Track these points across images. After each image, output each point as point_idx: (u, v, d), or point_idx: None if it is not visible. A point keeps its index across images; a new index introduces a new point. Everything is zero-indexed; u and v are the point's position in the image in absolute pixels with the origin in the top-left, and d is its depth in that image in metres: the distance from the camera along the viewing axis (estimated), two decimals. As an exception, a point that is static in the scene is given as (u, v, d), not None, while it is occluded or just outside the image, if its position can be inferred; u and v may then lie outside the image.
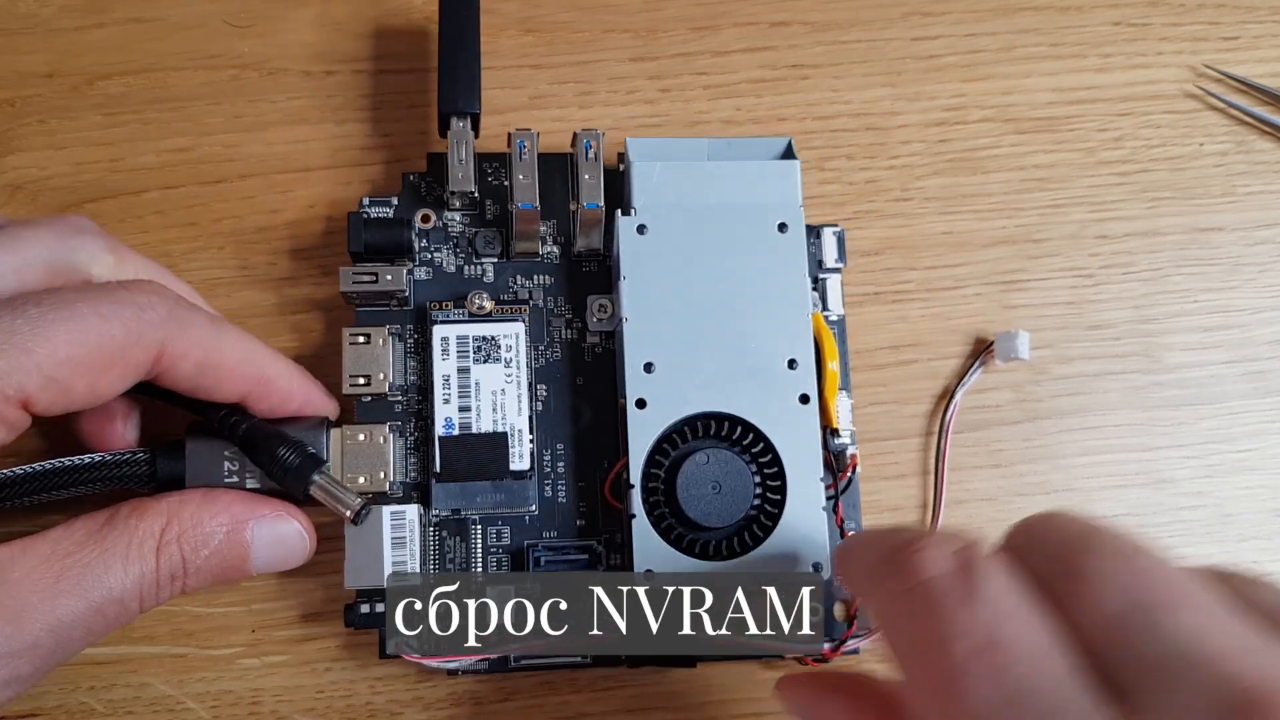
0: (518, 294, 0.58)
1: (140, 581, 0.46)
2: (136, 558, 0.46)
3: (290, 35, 0.63)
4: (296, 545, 0.51)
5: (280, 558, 0.51)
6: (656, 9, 0.65)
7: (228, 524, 0.48)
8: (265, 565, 0.50)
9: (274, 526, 0.50)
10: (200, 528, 0.48)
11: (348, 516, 0.52)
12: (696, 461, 0.53)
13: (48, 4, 0.62)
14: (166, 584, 0.47)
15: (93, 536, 0.45)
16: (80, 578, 0.44)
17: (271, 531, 0.50)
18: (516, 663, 0.55)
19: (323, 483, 0.51)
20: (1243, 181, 0.64)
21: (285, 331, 0.59)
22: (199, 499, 0.48)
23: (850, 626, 0.56)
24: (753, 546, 0.53)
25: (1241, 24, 0.67)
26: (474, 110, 0.57)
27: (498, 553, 0.56)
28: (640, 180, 0.56)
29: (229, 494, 0.50)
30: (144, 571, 0.46)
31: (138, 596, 0.46)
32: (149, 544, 0.46)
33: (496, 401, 0.55)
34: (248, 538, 0.49)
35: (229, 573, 0.49)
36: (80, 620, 0.44)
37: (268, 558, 0.50)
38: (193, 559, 0.47)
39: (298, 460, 0.51)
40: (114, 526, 0.46)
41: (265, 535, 0.50)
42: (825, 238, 0.60)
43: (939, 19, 0.66)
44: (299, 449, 0.51)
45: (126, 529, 0.46)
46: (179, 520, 0.47)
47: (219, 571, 0.49)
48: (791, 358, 0.54)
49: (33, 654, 0.44)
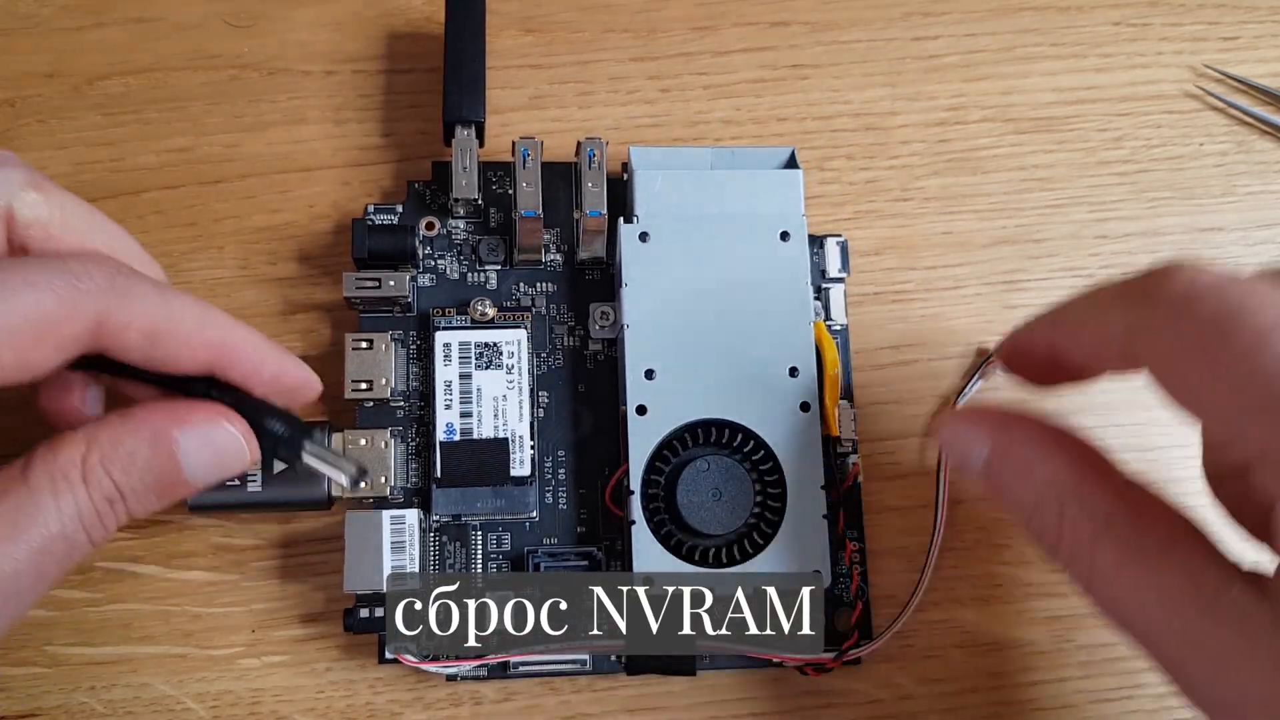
0: (520, 301, 0.58)
1: (78, 513, 0.43)
2: (65, 489, 0.43)
3: (290, 35, 0.63)
4: (233, 449, 0.47)
5: (217, 465, 0.46)
6: (656, 9, 0.64)
7: (149, 437, 0.45)
8: (203, 475, 0.46)
9: (203, 433, 0.46)
10: (121, 447, 0.44)
11: (344, 482, 0.49)
12: (697, 468, 0.53)
13: (48, 4, 0.62)
14: (107, 511, 0.44)
15: (15, 481, 0.42)
16: (13, 524, 0.42)
17: (201, 439, 0.46)
18: (515, 669, 0.55)
19: (315, 451, 0.48)
20: (1243, 181, 0.64)
21: (288, 334, 0.59)
22: (116, 418, 0.45)
23: (852, 635, 0.56)
24: (753, 554, 0.53)
25: (1241, 24, 0.67)
26: (479, 118, 0.57)
27: (498, 558, 0.56)
28: (643, 188, 0.56)
29: (148, 406, 0.46)
30: (78, 502, 0.43)
31: (81, 529, 0.43)
32: (74, 474, 0.43)
33: (498, 407, 0.55)
34: (175, 449, 0.45)
35: (167, 489, 0.46)
36: (26, 566, 0.42)
37: (203, 467, 0.46)
38: (124, 481, 0.44)
39: (287, 431, 0.48)
40: (33, 466, 0.43)
41: (195, 444, 0.45)
42: (829, 247, 0.60)
43: (939, 19, 0.65)
44: (287, 419, 0.48)
45: (46, 464, 0.43)
46: (98, 444, 0.44)
47: (157, 488, 0.45)
48: (793, 365, 0.55)
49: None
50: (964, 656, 0.58)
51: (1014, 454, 0.46)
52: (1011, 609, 0.58)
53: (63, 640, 0.55)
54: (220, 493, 0.53)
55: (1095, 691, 0.58)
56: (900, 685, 0.57)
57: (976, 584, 0.59)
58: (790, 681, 0.57)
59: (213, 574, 0.56)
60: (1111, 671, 0.58)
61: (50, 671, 0.55)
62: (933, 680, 0.57)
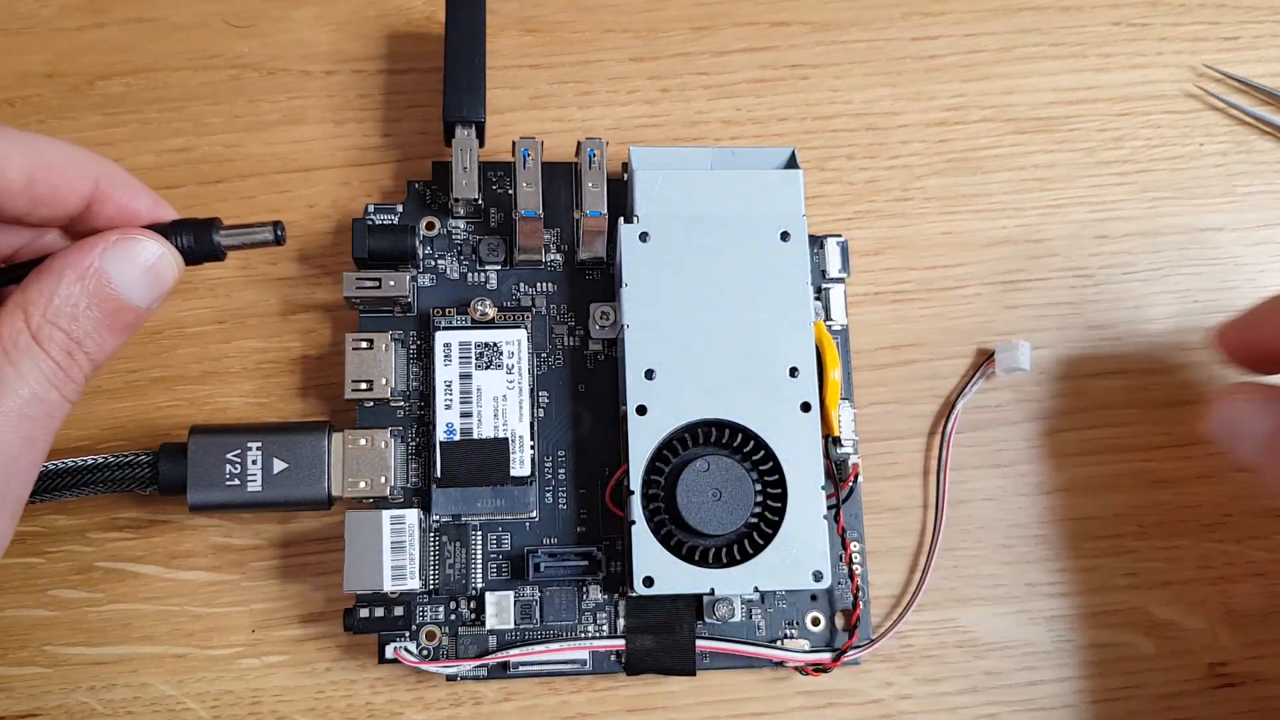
0: (520, 301, 0.58)
1: (42, 373, 0.43)
2: (22, 355, 0.43)
3: (290, 35, 0.63)
4: (158, 257, 0.47)
5: (151, 278, 0.47)
6: (656, 9, 0.64)
7: (77, 277, 0.45)
8: (143, 293, 0.46)
9: (123, 252, 0.46)
10: (55, 298, 0.44)
11: (270, 240, 0.49)
12: (697, 469, 0.53)
13: (48, 4, 0.62)
14: (69, 363, 0.44)
15: None
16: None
17: (125, 258, 0.46)
18: (515, 669, 0.55)
19: (228, 233, 0.49)
20: (1243, 181, 0.64)
21: (288, 333, 0.59)
22: (34, 277, 0.45)
23: (851, 636, 0.56)
24: (753, 554, 0.53)
25: (1241, 24, 0.67)
26: (479, 119, 0.57)
27: (498, 558, 0.56)
28: (643, 189, 0.56)
29: (60, 253, 0.45)
30: (38, 363, 0.43)
31: (52, 386, 0.44)
32: (23, 339, 0.43)
33: (498, 407, 0.55)
34: (106, 277, 0.45)
35: (115, 320, 0.46)
36: (11, 434, 0.42)
37: (139, 284, 0.46)
38: (73, 328, 0.44)
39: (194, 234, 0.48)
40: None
41: (121, 265, 0.46)
42: (829, 248, 0.60)
43: (939, 19, 0.65)
44: (184, 223, 0.48)
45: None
46: (34, 304, 0.44)
47: (106, 323, 0.45)
48: (793, 366, 0.55)
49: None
50: (964, 656, 0.58)
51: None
52: (1011, 609, 0.58)
53: (63, 640, 0.56)
54: (220, 493, 0.53)
55: (1095, 691, 0.58)
56: (900, 685, 0.57)
57: (976, 584, 0.59)
58: (790, 681, 0.57)
59: (213, 574, 0.57)
60: (1112, 672, 0.58)
61: (50, 671, 0.55)
62: (932, 680, 0.57)
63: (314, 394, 0.59)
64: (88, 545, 0.56)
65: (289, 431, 0.54)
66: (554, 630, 0.55)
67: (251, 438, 0.54)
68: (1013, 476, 0.60)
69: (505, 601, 0.54)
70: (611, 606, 0.56)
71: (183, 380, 0.58)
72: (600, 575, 0.55)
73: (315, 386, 0.59)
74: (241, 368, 0.59)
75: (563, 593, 0.55)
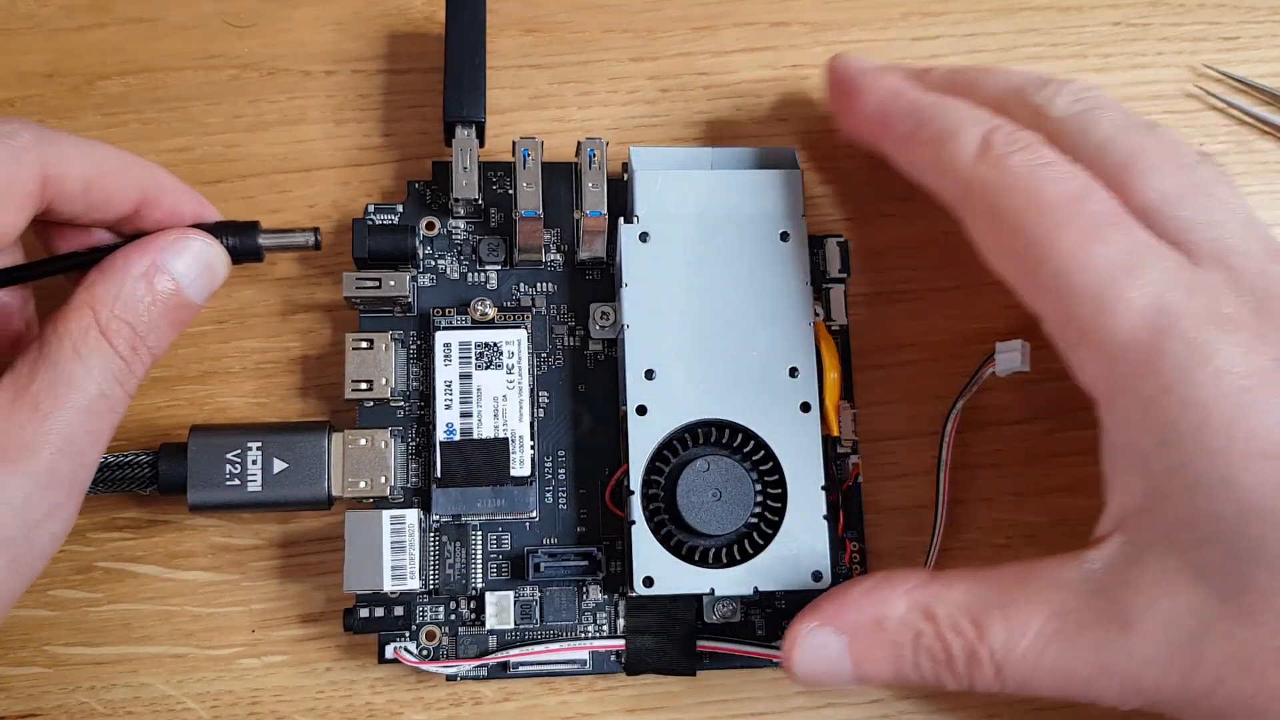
0: (520, 301, 0.58)
1: (108, 367, 0.46)
2: (89, 352, 0.46)
3: (290, 35, 0.63)
4: (213, 255, 0.51)
5: (207, 275, 0.51)
6: (656, 9, 0.64)
7: (140, 275, 0.48)
8: (200, 289, 0.50)
9: (182, 251, 0.50)
10: (122, 294, 0.47)
11: (309, 245, 0.54)
12: (697, 469, 0.53)
13: (47, 4, 0.62)
14: (133, 358, 0.47)
15: (38, 361, 0.45)
16: (53, 395, 0.45)
17: (184, 256, 0.50)
18: (515, 669, 0.55)
19: (270, 234, 0.54)
20: (1243, 181, 0.64)
21: (288, 333, 0.59)
22: (97, 275, 0.48)
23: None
24: (753, 554, 0.53)
25: (1241, 24, 0.66)
26: (479, 118, 0.57)
27: (498, 558, 0.56)
28: (643, 188, 0.56)
29: (120, 252, 0.49)
30: (105, 359, 0.46)
31: (116, 382, 0.46)
32: (93, 335, 0.46)
33: (498, 407, 0.55)
34: (168, 275, 0.49)
35: (176, 314, 0.49)
36: (78, 428, 0.45)
37: (197, 281, 0.50)
38: (138, 323, 0.47)
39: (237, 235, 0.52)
40: (49, 342, 0.46)
41: (182, 263, 0.49)
42: (829, 248, 0.60)
43: (939, 19, 0.65)
44: (227, 225, 0.53)
45: (62, 336, 0.46)
46: (102, 301, 0.47)
47: (168, 319, 0.49)
48: (793, 366, 0.55)
49: (58, 480, 0.45)
50: (964, 656, 0.58)
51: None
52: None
53: (63, 640, 0.56)
54: (220, 492, 0.53)
55: (1095, 691, 0.58)
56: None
57: (976, 584, 0.59)
58: (790, 681, 0.57)
59: (213, 574, 0.57)
60: (1111, 671, 0.58)
61: (50, 671, 0.55)
62: (933, 680, 0.57)
63: (314, 394, 0.59)
64: (87, 545, 0.56)
65: (289, 431, 0.54)
66: (554, 630, 0.55)
67: (251, 437, 0.54)
68: (1012, 476, 0.60)
69: (505, 601, 0.54)
70: (611, 607, 0.56)
71: (183, 380, 0.58)
72: (600, 575, 0.55)
73: (315, 386, 0.59)
74: (241, 368, 0.59)
75: (563, 593, 0.55)
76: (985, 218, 0.50)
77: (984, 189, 0.50)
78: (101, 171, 0.49)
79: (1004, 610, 0.47)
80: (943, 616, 0.48)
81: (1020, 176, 0.48)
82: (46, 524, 0.45)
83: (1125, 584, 0.46)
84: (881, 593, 0.49)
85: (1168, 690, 0.45)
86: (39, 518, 0.44)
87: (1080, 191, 0.48)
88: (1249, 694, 0.44)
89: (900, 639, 0.48)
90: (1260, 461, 0.43)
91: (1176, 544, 0.45)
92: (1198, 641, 0.44)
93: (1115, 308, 0.45)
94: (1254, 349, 0.44)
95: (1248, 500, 0.43)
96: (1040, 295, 0.49)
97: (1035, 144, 0.50)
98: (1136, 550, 0.46)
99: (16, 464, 0.43)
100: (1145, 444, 0.46)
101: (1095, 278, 0.46)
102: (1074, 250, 0.46)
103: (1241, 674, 0.44)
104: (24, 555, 0.44)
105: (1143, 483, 0.46)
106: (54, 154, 0.47)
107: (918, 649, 0.48)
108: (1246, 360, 0.44)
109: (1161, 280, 0.45)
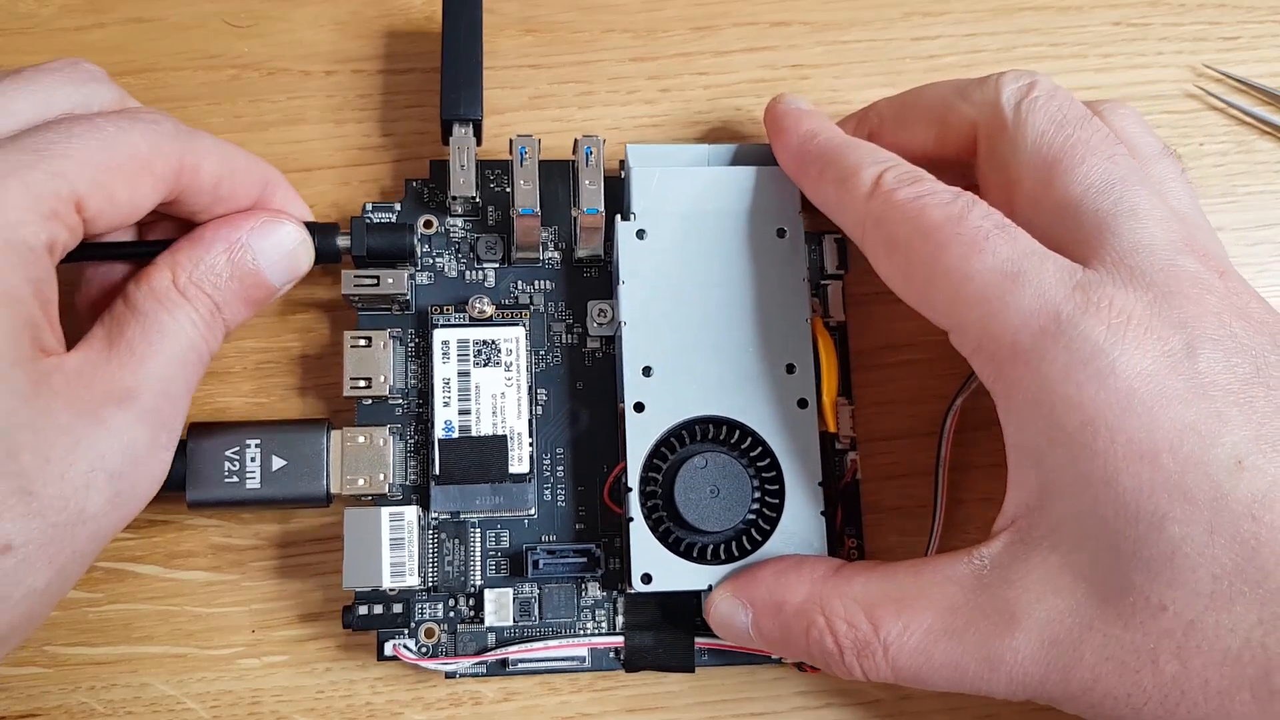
0: (518, 299, 0.58)
1: (194, 323, 0.48)
2: (174, 305, 0.48)
3: (290, 35, 0.63)
4: (298, 242, 0.53)
5: (289, 261, 0.52)
6: (656, 9, 0.64)
7: (226, 249, 0.50)
8: (280, 273, 0.52)
9: (269, 232, 0.51)
10: (203, 263, 0.49)
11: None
12: (695, 465, 0.53)
13: (48, 4, 0.62)
14: (214, 321, 0.49)
15: (126, 315, 0.47)
16: (147, 341, 0.47)
17: (270, 238, 0.51)
18: (514, 666, 0.55)
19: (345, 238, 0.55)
20: (1243, 181, 0.64)
21: (287, 332, 0.59)
22: (185, 243, 0.50)
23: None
24: (750, 551, 0.53)
25: (1241, 24, 0.66)
26: (476, 117, 0.57)
27: (496, 556, 0.56)
28: (639, 186, 0.56)
29: (213, 224, 0.51)
30: (190, 314, 0.48)
31: (203, 338, 0.48)
32: (173, 294, 0.48)
33: (496, 405, 0.55)
34: (251, 253, 0.50)
35: (252, 293, 0.51)
36: (174, 374, 0.47)
37: (278, 265, 0.52)
38: (216, 293, 0.49)
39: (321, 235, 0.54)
40: (134, 299, 0.47)
41: (266, 244, 0.51)
42: (826, 244, 0.60)
43: (939, 19, 0.65)
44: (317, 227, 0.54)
45: (146, 293, 0.47)
46: (182, 267, 0.49)
47: (244, 295, 0.50)
48: (790, 362, 0.55)
49: (160, 421, 0.47)
50: (963, 655, 0.58)
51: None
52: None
53: (63, 640, 0.56)
54: (219, 490, 0.53)
55: (1095, 690, 0.58)
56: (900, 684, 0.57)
57: (976, 583, 0.58)
58: (790, 681, 0.57)
59: (213, 574, 0.57)
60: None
61: (50, 671, 0.55)
62: (932, 679, 0.57)
63: (314, 393, 0.59)
64: (88, 545, 0.56)
65: (288, 429, 0.55)
66: (553, 627, 0.55)
67: (250, 435, 0.54)
68: (1012, 476, 0.60)
69: (504, 598, 0.54)
70: (610, 603, 0.56)
71: (183, 380, 0.58)
72: (599, 572, 0.55)
73: (315, 386, 0.59)
74: (242, 367, 0.59)
75: (561, 590, 0.55)
76: (880, 249, 0.51)
77: (876, 223, 0.50)
78: (232, 170, 0.51)
79: (897, 605, 0.48)
80: (836, 610, 0.49)
81: (906, 207, 0.49)
82: (149, 463, 0.47)
83: (1011, 582, 0.47)
84: (788, 577, 0.51)
85: (1050, 686, 0.46)
86: (144, 455, 0.46)
87: (960, 211, 0.48)
88: (1125, 694, 0.45)
89: (794, 626, 0.50)
90: (1140, 464, 0.44)
91: (1061, 543, 0.46)
92: (1077, 640, 0.45)
93: (999, 314, 0.46)
94: (1143, 347, 0.45)
95: (1127, 502, 0.44)
96: (936, 312, 0.50)
97: (922, 178, 0.50)
98: (1024, 548, 0.47)
99: (123, 403, 0.45)
100: (1036, 444, 0.46)
101: (978, 288, 0.47)
102: (958, 264, 0.47)
103: (1118, 674, 0.45)
104: (128, 491, 0.46)
105: (1035, 481, 0.47)
106: (191, 146, 0.49)
107: (809, 638, 0.49)
108: (1132, 360, 0.44)
109: (1045, 282, 0.46)
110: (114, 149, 0.46)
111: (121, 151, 0.46)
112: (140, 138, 0.47)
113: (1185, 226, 0.48)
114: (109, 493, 0.45)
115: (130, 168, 0.46)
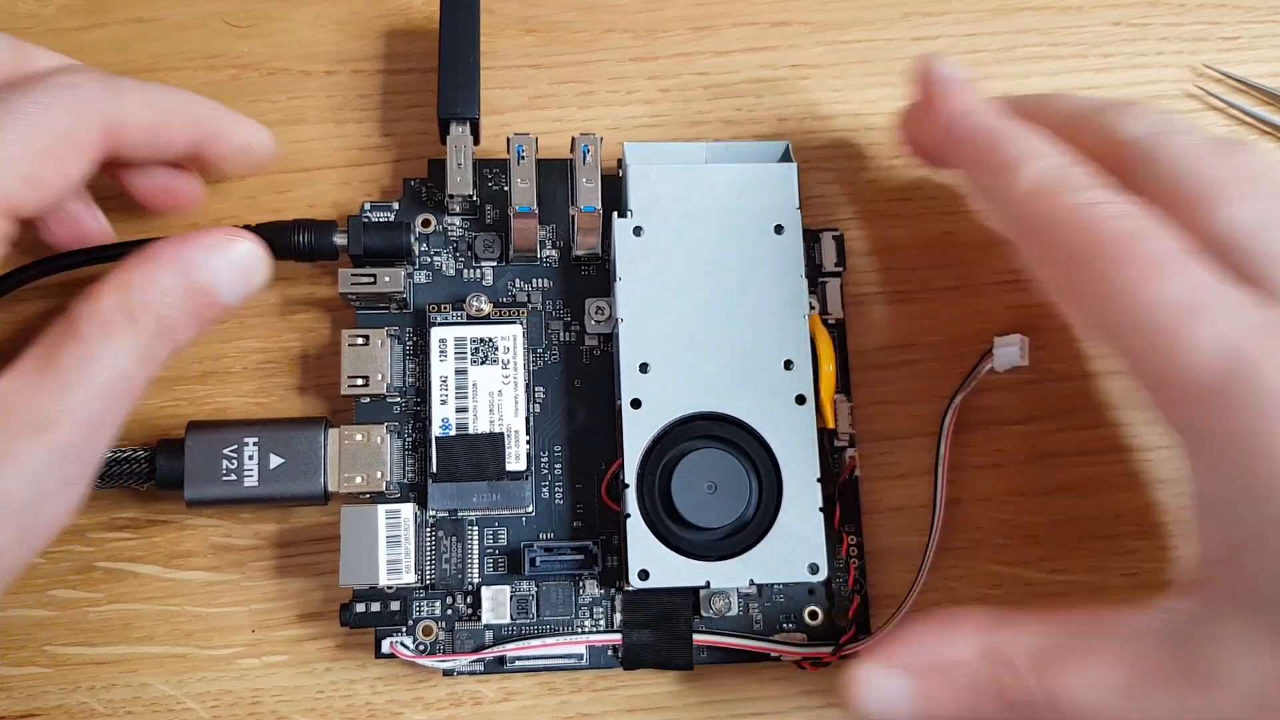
0: (516, 297, 0.58)
1: (132, 351, 0.46)
2: (115, 333, 0.45)
3: (290, 35, 0.63)
4: (254, 259, 0.51)
5: (244, 278, 0.50)
6: (656, 9, 0.65)
7: (179, 269, 0.48)
8: (234, 291, 0.50)
9: (223, 251, 0.49)
10: (155, 284, 0.47)
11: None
12: (692, 462, 0.53)
13: (47, 4, 0.62)
14: (157, 345, 0.47)
15: (65, 335, 0.45)
16: (80, 371, 0.44)
17: (224, 257, 0.49)
18: (511, 664, 0.55)
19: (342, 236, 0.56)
20: (1243, 182, 0.64)
21: (286, 331, 0.59)
22: (137, 260, 0.47)
23: (850, 629, 0.56)
24: (748, 547, 0.53)
25: (1241, 24, 0.66)
26: (473, 115, 0.57)
27: (494, 553, 0.56)
28: (636, 183, 0.56)
29: (166, 242, 0.48)
30: (132, 343, 0.46)
31: (140, 365, 0.46)
32: (118, 318, 0.46)
33: (494, 403, 0.55)
34: (204, 272, 0.48)
35: (204, 313, 0.49)
36: (99, 406, 0.45)
37: (232, 283, 0.50)
38: (166, 314, 0.47)
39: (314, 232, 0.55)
40: (78, 319, 0.45)
41: (220, 263, 0.49)
42: (824, 242, 0.60)
43: (939, 19, 0.65)
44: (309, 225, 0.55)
45: (91, 315, 0.45)
46: (133, 287, 0.47)
47: (195, 314, 0.48)
48: (788, 359, 0.55)
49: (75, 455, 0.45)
50: (963, 655, 0.57)
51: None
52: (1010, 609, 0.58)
53: (63, 640, 0.56)
54: (217, 488, 0.53)
55: (1095, 689, 0.57)
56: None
57: (975, 584, 0.58)
58: (790, 681, 0.57)
59: (213, 574, 0.57)
60: (1111, 669, 0.58)
61: (50, 671, 0.55)
62: (931, 678, 0.57)
63: (313, 392, 0.59)
64: (87, 545, 0.57)
65: (285, 427, 0.55)
66: (550, 625, 0.55)
67: (248, 433, 0.54)
68: (1012, 476, 0.60)
69: (501, 596, 0.54)
70: (608, 601, 0.56)
71: (182, 380, 0.58)
72: (597, 569, 0.55)
73: (315, 385, 0.59)
74: (241, 367, 0.59)
75: (559, 587, 0.55)
76: (1038, 253, 0.49)
77: (1036, 225, 0.48)
78: (166, 115, 0.51)
79: (1079, 658, 0.45)
80: (1019, 662, 0.46)
81: (1075, 214, 0.47)
82: (58, 498, 0.45)
83: (1207, 639, 0.43)
84: (948, 634, 0.48)
85: None
86: (52, 491, 0.44)
87: (1136, 229, 0.46)
88: None
89: (970, 683, 0.47)
90: None
91: (1261, 601, 0.42)
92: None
93: (1183, 350, 0.43)
94: None
95: None
96: (1106, 334, 0.47)
97: (1090, 184, 0.48)
98: (1219, 605, 0.44)
99: (37, 436, 0.43)
100: (1227, 493, 0.44)
101: (1160, 318, 0.44)
102: (1136, 288, 0.44)
103: None
104: (33, 527, 0.45)
105: (1226, 534, 0.44)
106: (117, 103, 0.49)
107: (988, 694, 0.46)
108: None
109: (1230, 320, 0.43)
110: (34, 137, 0.46)
111: (43, 137, 0.46)
112: (61, 113, 0.47)
113: None
114: (12, 530, 0.43)
115: (56, 149, 0.47)
